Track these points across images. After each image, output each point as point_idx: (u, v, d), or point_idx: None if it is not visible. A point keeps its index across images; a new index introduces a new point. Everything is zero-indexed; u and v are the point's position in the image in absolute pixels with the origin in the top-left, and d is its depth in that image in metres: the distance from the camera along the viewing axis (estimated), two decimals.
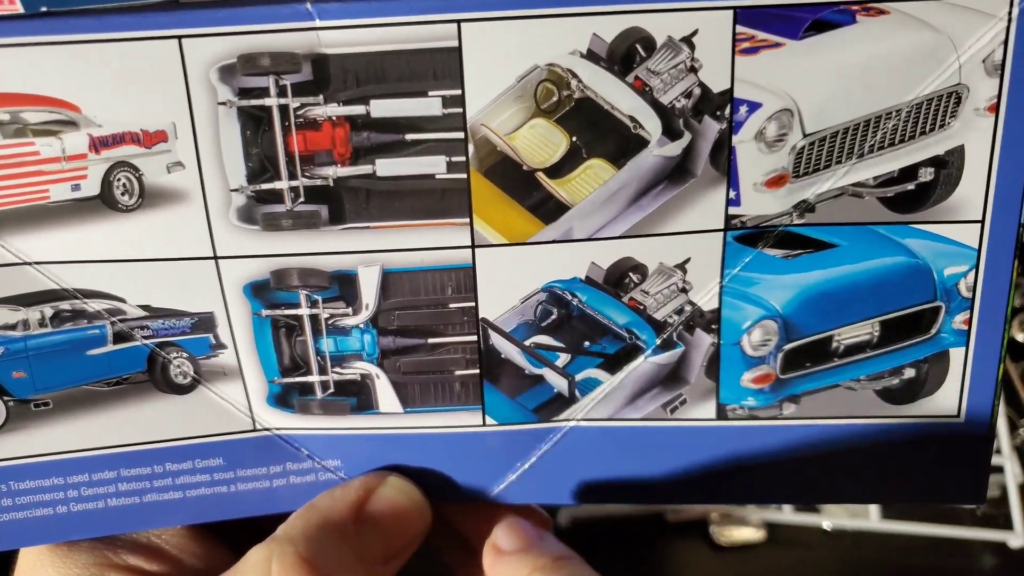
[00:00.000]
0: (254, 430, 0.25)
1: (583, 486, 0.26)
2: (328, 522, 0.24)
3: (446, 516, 0.27)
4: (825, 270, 0.23)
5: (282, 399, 0.25)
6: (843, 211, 0.23)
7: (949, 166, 0.23)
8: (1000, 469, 0.43)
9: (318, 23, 0.21)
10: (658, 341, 0.24)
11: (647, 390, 0.25)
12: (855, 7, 0.21)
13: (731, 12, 0.21)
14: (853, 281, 0.24)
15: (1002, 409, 0.43)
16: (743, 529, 0.44)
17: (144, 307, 0.24)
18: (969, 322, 0.24)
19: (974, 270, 0.23)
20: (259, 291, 0.24)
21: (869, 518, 0.42)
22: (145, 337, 0.24)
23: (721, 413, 0.25)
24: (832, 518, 0.43)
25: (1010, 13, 0.21)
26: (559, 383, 0.25)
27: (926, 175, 0.23)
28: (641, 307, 0.24)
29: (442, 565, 0.29)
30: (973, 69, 0.22)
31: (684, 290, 0.24)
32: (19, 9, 0.32)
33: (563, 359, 0.25)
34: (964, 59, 0.22)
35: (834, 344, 0.24)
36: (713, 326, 0.24)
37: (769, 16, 0.21)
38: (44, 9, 0.31)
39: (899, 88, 0.22)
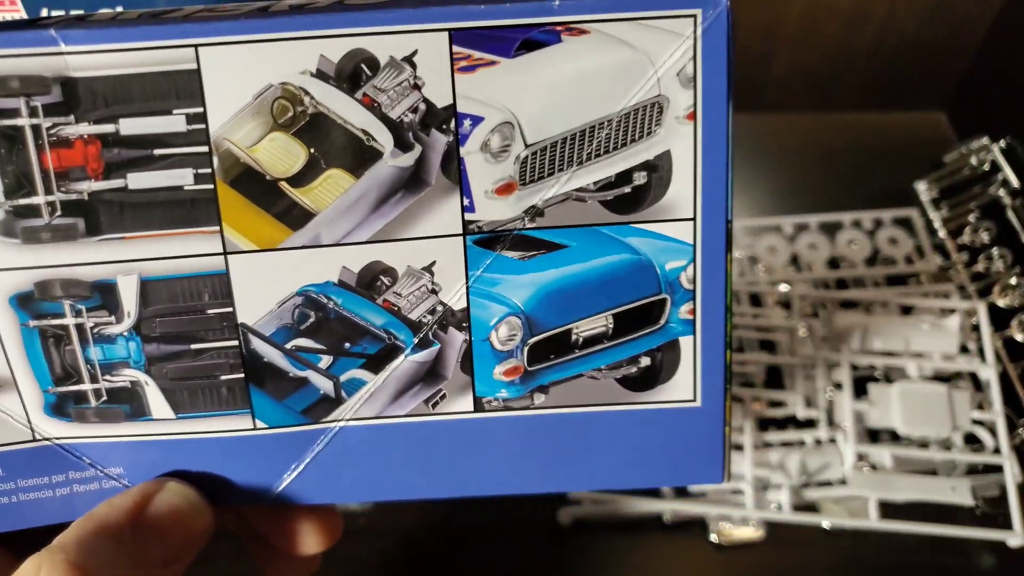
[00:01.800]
0: (33, 440, 0.26)
1: (357, 484, 0.27)
2: (104, 528, 0.25)
3: (247, 518, 0.29)
4: (558, 269, 0.26)
5: (58, 408, 0.26)
6: (570, 214, 0.25)
7: (660, 169, 0.25)
8: (999, 469, 0.43)
9: (63, 48, 0.23)
10: (416, 340, 0.26)
11: (409, 387, 0.26)
12: (559, 27, 0.24)
13: (447, 33, 0.23)
14: (584, 278, 0.26)
15: (1001, 409, 0.44)
16: (742, 528, 0.43)
17: None
18: (694, 312, 0.26)
19: (692, 264, 0.25)
20: (24, 302, 0.25)
21: (869, 518, 0.42)
22: None
23: (478, 405, 0.27)
24: (832, 517, 0.43)
25: (695, 32, 0.24)
26: (324, 384, 0.26)
27: (640, 178, 0.25)
28: (395, 308, 0.26)
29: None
30: (670, 82, 0.24)
31: (434, 291, 0.26)
32: (20, 11, 0.33)
33: (326, 361, 0.26)
34: (661, 73, 0.24)
35: (574, 336, 0.26)
36: (464, 324, 0.26)
37: (482, 37, 0.24)
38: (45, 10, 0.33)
39: (607, 100, 0.24)
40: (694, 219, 0.25)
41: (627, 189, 0.25)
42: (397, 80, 0.24)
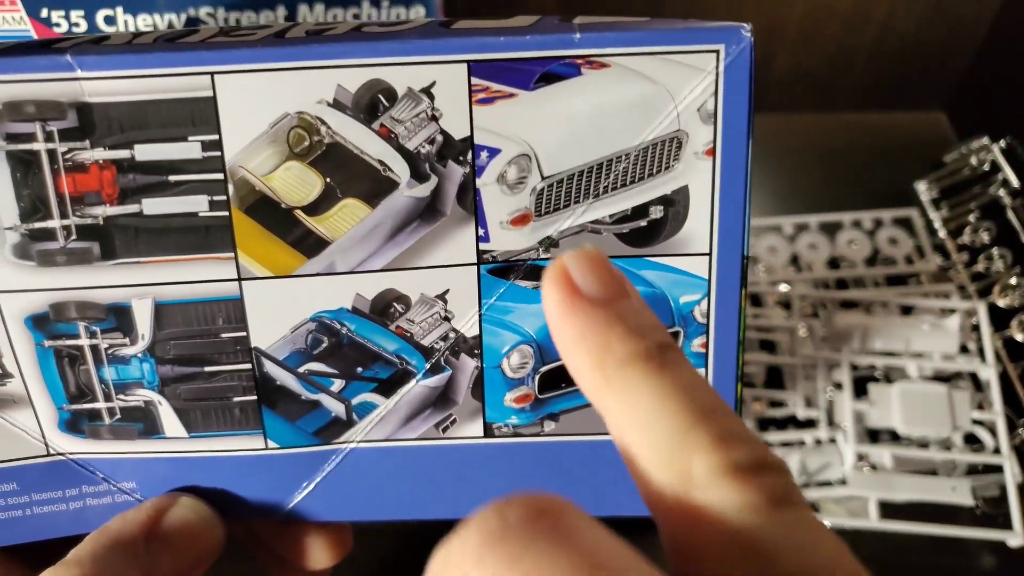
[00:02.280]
0: (47, 455, 0.26)
1: (367, 503, 0.27)
2: (117, 543, 0.24)
3: (258, 531, 0.28)
4: None
5: (72, 425, 0.26)
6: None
7: (676, 204, 0.24)
8: (999, 469, 0.42)
9: (79, 74, 0.22)
10: (427, 365, 0.26)
11: (420, 412, 0.26)
12: (579, 60, 0.23)
13: (465, 65, 0.23)
14: None
15: (1001, 409, 0.43)
16: None
17: None
18: (706, 346, 0.25)
19: (706, 298, 0.25)
20: (40, 323, 0.24)
21: (869, 518, 0.41)
22: None
23: (488, 431, 0.26)
24: (832, 517, 0.42)
25: (717, 68, 0.23)
26: (336, 407, 0.26)
27: (656, 213, 0.24)
28: (408, 334, 0.25)
29: None
30: (690, 117, 0.23)
31: (447, 318, 0.25)
32: (20, 10, 0.32)
33: (338, 384, 0.26)
34: (681, 108, 0.23)
35: None
36: (476, 351, 0.25)
37: (501, 69, 0.23)
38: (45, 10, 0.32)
39: (626, 134, 0.24)
40: (709, 254, 0.24)
41: (643, 223, 0.24)
42: (415, 111, 0.23)
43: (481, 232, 0.24)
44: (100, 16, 0.34)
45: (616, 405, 0.17)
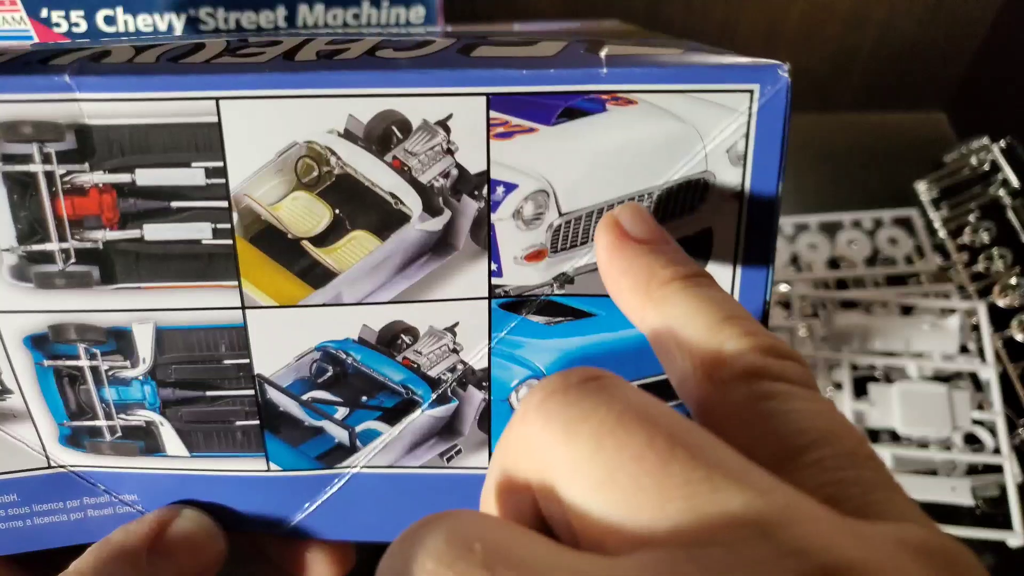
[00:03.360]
0: (48, 467, 0.24)
1: (369, 526, 0.25)
2: (120, 554, 0.23)
3: (262, 547, 0.27)
4: (584, 336, 0.23)
5: (73, 440, 0.24)
6: (600, 284, 0.22)
7: (699, 247, 0.22)
8: (999, 469, 0.40)
9: (78, 95, 0.20)
10: (434, 396, 0.24)
11: (424, 441, 0.24)
12: (604, 96, 0.20)
13: (484, 98, 0.20)
14: (611, 348, 0.23)
15: (1001, 409, 0.41)
16: None
17: None
18: None
19: None
20: (39, 343, 0.22)
21: None
22: None
23: None
24: None
25: (750, 109, 0.20)
26: (339, 434, 0.24)
27: None
28: (415, 365, 0.23)
29: None
30: (718, 159, 0.21)
31: (455, 351, 0.23)
32: (20, 10, 0.30)
33: (342, 412, 0.24)
34: (709, 149, 0.21)
35: None
36: (484, 383, 0.23)
37: (521, 103, 0.20)
38: (45, 10, 0.30)
39: (650, 173, 0.21)
40: None
41: None
42: (429, 144, 0.21)
43: (494, 267, 0.22)
44: (100, 16, 0.31)
45: (656, 317, 0.18)
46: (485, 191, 0.21)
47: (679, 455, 0.13)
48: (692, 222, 0.22)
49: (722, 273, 0.22)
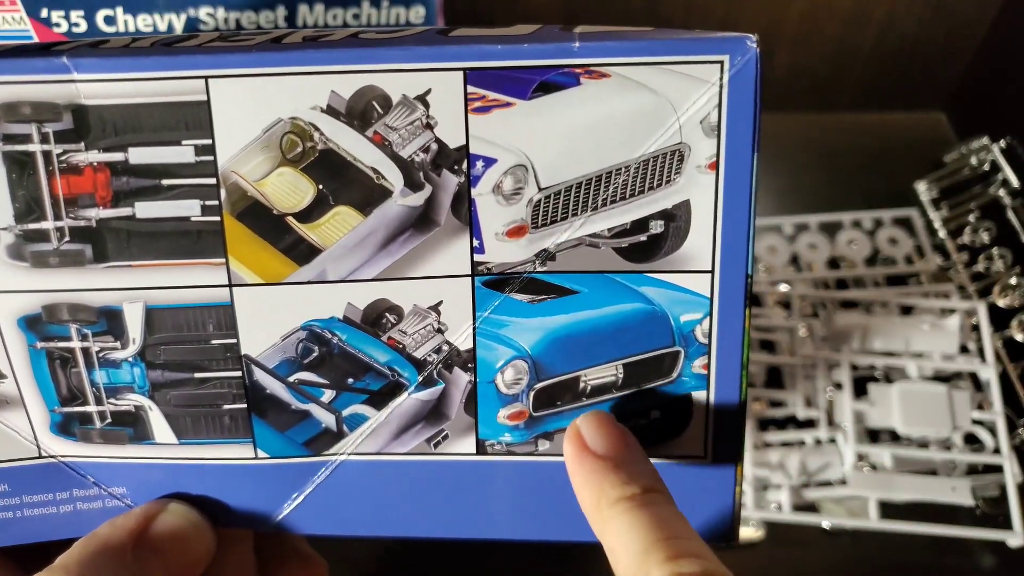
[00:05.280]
0: (40, 456, 0.25)
1: (357, 518, 0.25)
2: (106, 549, 0.23)
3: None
4: (568, 314, 0.23)
5: (64, 427, 0.24)
6: (582, 260, 0.23)
7: (677, 219, 0.22)
8: (999, 469, 0.40)
9: (75, 76, 0.21)
10: (420, 378, 0.24)
11: (411, 425, 0.24)
12: (578, 70, 0.21)
13: (461, 73, 0.21)
14: (594, 325, 0.23)
15: (1002, 409, 0.41)
16: (742, 528, 0.41)
17: None
18: (708, 367, 0.23)
19: (708, 317, 0.23)
20: (33, 324, 0.23)
21: (869, 518, 0.40)
22: None
23: (481, 448, 0.24)
24: (832, 518, 0.41)
25: (721, 80, 0.21)
26: (326, 418, 0.24)
27: (656, 227, 0.23)
28: (400, 346, 0.24)
29: None
30: (692, 129, 0.22)
31: (440, 331, 0.24)
32: (19, 10, 0.31)
33: (329, 395, 0.24)
34: (683, 120, 0.21)
35: (581, 384, 0.24)
36: (469, 365, 0.24)
37: (498, 77, 0.21)
38: (45, 10, 0.31)
39: (626, 146, 0.22)
40: (712, 272, 0.23)
41: (643, 237, 0.23)
42: (409, 119, 0.21)
43: (476, 243, 0.23)
44: (100, 16, 0.32)
45: (607, 536, 0.21)
46: (465, 165, 0.22)
47: None
48: (670, 194, 0.22)
49: (702, 244, 0.22)
